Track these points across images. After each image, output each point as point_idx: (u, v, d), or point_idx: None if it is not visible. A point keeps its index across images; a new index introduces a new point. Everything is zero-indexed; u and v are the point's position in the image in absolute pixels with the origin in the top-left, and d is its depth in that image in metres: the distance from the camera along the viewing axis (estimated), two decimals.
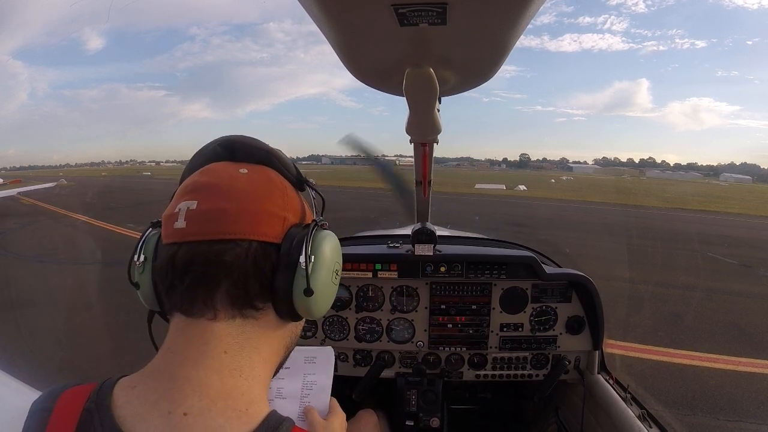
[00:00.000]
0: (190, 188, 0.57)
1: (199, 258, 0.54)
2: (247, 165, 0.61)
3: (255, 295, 0.56)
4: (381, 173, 1.79)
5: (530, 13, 0.52)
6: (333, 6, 0.51)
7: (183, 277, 0.54)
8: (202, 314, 0.55)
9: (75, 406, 0.53)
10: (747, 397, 3.86)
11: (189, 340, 0.54)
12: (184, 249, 0.54)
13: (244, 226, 0.55)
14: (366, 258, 1.72)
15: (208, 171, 0.60)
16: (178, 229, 0.55)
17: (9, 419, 0.92)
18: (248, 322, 0.57)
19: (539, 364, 1.81)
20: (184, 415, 0.50)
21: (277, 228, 0.57)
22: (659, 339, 4.99)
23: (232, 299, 0.55)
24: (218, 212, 0.54)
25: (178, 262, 0.54)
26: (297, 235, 0.58)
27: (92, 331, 5.15)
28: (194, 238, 0.54)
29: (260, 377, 0.58)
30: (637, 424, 1.44)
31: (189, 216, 0.55)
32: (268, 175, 0.61)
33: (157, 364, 0.55)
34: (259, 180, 0.59)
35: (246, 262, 0.55)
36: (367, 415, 1.47)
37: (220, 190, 0.56)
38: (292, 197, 0.62)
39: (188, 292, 0.54)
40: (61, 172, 79.03)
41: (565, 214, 18.62)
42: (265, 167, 0.62)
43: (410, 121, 0.96)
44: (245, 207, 0.55)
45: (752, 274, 8.91)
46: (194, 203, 0.55)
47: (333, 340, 1.82)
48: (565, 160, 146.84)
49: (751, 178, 79.74)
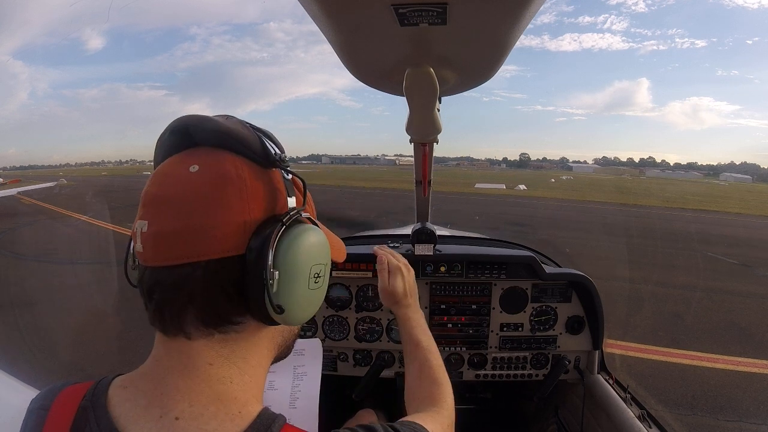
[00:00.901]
0: (144, 200, 0.54)
1: (161, 285, 0.51)
2: (201, 155, 0.54)
3: (227, 312, 0.53)
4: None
5: (530, 13, 0.52)
6: (333, 6, 0.51)
7: (150, 299, 0.53)
8: (175, 334, 0.53)
9: (71, 404, 0.53)
10: (747, 398, 3.86)
11: (171, 353, 0.54)
12: (149, 273, 0.52)
13: (198, 247, 0.50)
14: (366, 258, 1.72)
15: (158, 176, 0.54)
16: (138, 252, 0.53)
17: (9, 419, 0.92)
18: (229, 336, 0.54)
19: (539, 364, 1.81)
20: (176, 419, 0.49)
21: (236, 238, 0.51)
22: (659, 339, 5.00)
23: (204, 321, 0.52)
24: (168, 236, 0.50)
25: (145, 285, 0.53)
26: (262, 240, 0.51)
27: (92, 331, 5.15)
28: (152, 263, 0.51)
29: (251, 382, 0.56)
30: (636, 424, 1.44)
31: (144, 239, 0.51)
32: (221, 170, 0.52)
33: (147, 369, 0.55)
34: (211, 179, 0.51)
35: (207, 284, 0.51)
36: (367, 415, 1.47)
37: (168, 205, 0.51)
38: (253, 189, 0.53)
39: (157, 315, 0.53)
40: (61, 171, 78.96)
41: (565, 213, 18.61)
42: (220, 153, 0.54)
43: (410, 121, 0.96)
44: (195, 223, 0.50)
45: (752, 273, 8.91)
46: (145, 224, 0.51)
47: (333, 340, 1.82)
48: (565, 160, 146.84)
49: (751, 177, 79.61)
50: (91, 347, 4.67)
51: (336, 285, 1.78)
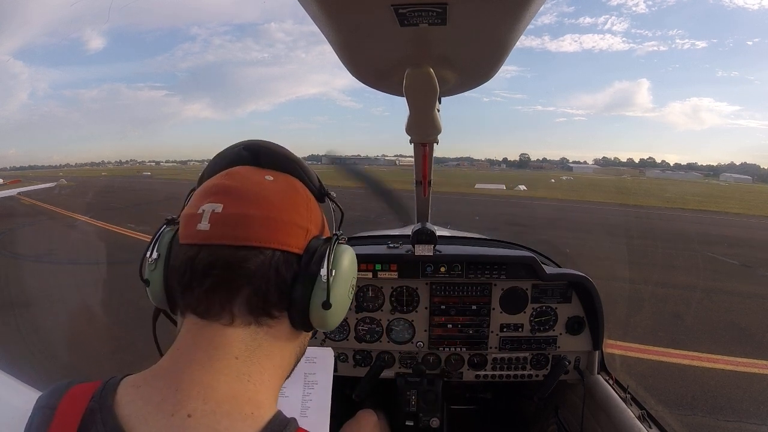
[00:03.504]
0: (214, 190, 0.57)
1: (221, 262, 0.53)
2: (272, 172, 0.61)
3: (273, 303, 0.56)
4: (356, 177, 1.83)
5: (530, 14, 0.52)
6: (333, 6, 0.51)
7: (203, 279, 0.53)
8: (217, 318, 0.54)
9: (78, 404, 0.53)
10: (747, 398, 3.86)
11: (199, 342, 0.54)
12: (206, 251, 0.54)
13: (270, 234, 0.55)
14: (366, 258, 1.72)
15: (233, 174, 0.59)
16: (200, 231, 0.54)
17: (9, 419, 0.92)
18: (262, 329, 0.56)
19: (539, 364, 1.81)
20: (188, 416, 0.49)
21: (300, 239, 0.58)
22: (659, 339, 5.00)
23: (250, 306, 0.55)
24: (244, 218, 0.54)
25: (198, 264, 0.54)
26: (318, 248, 0.59)
27: (91, 330, 5.15)
28: (218, 241, 0.53)
29: (269, 383, 0.57)
30: (636, 425, 1.44)
31: (214, 219, 0.54)
32: (293, 185, 0.61)
33: (164, 364, 0.54)
34: (285, 189, 0.59)
35: (268, 270, 0.55)
36: (367, 415, 1.47)
37: (246, 196, 0.55)
38: (314, 209, 0.62)
39: (206, 295, 0.54)
40: (61, 172, 79.03)
41: (566, 214, 18.61)
42: (289, 176, 0.62)
43: (410, 121, 0.96)
44: (271, 215, 0.55)
45: (752, 274, 8.92)
46: (219, 206, 0.54)
47: (333, 340, 1.82)
48: (565, 160, 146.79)
49: (751, 178, 79.61)
50: (90, 347, 4.68)
51: None
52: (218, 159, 0.64)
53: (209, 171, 0.63)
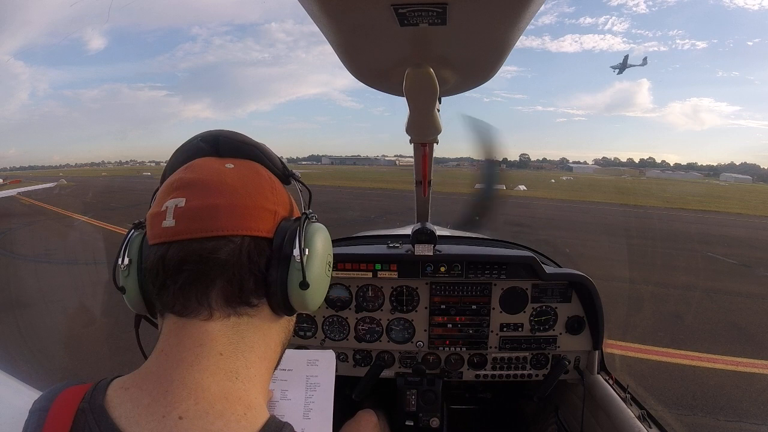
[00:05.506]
0: (176, 185, 0.56)
1: (192, 256, 0.52)
2: (233, 160, 0.60)
3: (250, 291, 0.56)
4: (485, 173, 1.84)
5: (530, 14, 0.52)
6: (333, 6, 0.51)
7: (176, 276, 0.53)
8: (196, 314, 0.54)
9: (70, 407, 0.53)
10: (747, 398, 3.86)
11: (183, 341, 0.53)
12: (175, 248, 0.53)
13: (237, 222, 0.54)
14: (366, 258, 1.72)
15: (193, 167, 0.58)
16: (167, 228, 0.53)
17: (9, 419, 0.92)
18: (243, 320, 0.56)
19: (539, 364, 1.81)
20: (180, 418, 0.48)
21: (268, 222, 0.57)
22: (659, 339, 5.00)
23: (226, 297, 0.54)
24: (209, 208, 0.53)
25: (169, 262, 0.53)
26: (289, 229, 0.58)
27: (91, 330, 5.15)
28: (185, 236, 0.53)
29: (257, 378, 0.57)
30: (636, 425, 1.44)
31: (178, 214, 0.53)
32: (255, 169, 0.60)
33: (151, 366, 0.54)
34: (247, 174, 0.58)
35: (240, 258, 0.54)
36: (367, 415, 1.47)
37: (208, 186, 0.55)
38: (280, 191, 0.61)
39: (181, 292, 0.53)
40: (61, 172, 79.01)
41: (566, 214, 18.61)
42: (250, 161, 0.61)
43: (410, 121, 0.96)
44: (236, 202, 0.55)
45: (752, 274, 8.92)
46: (182, 200, 0.54)
47: (333, 340, 1.82)
48: (565, 160, 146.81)
49: (751, 178, 79.71)
50: (89, 347, 4.68)
51: (336, 285, 1.78)
52: (177, 154, 0.63)
53: (170, 167, 0.62)
